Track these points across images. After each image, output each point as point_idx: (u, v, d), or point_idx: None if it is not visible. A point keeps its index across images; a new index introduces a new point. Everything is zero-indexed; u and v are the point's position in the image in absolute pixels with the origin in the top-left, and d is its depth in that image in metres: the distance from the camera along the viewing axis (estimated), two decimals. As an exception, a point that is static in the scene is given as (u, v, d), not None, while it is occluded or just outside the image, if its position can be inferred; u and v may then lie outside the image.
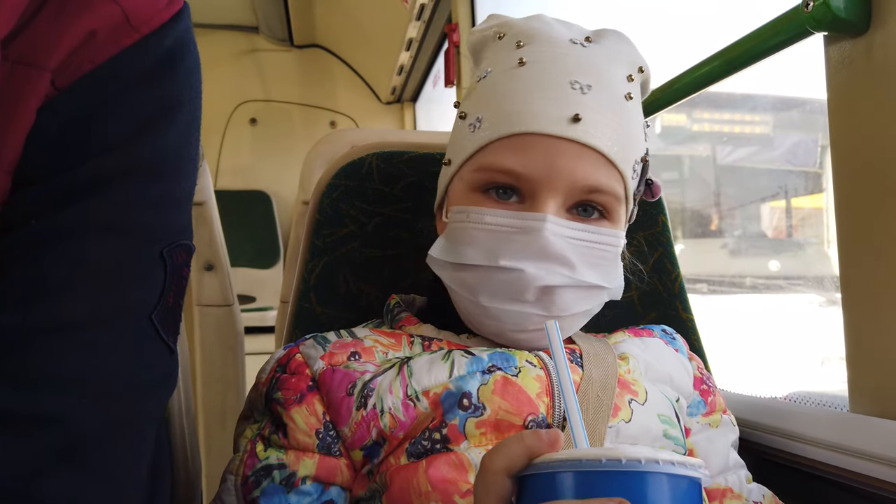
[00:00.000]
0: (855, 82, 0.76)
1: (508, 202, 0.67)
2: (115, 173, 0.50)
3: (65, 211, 0.48)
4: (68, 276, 0.47)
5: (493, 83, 0.70)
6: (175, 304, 0.54)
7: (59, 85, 0.48)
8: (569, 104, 0.65)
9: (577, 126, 0.64)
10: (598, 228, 0.67)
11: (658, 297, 0.96)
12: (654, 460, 0.40)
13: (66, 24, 0.48)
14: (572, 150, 0.65)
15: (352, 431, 0.63)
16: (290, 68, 3.64)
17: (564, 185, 0.65)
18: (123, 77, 0.50)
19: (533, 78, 0.67)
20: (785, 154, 3.78)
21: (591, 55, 0.69)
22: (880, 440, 0.69)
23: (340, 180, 0.90)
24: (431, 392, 0.64)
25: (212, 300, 1.43)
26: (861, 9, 0.73)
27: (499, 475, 0.44)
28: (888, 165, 0.72)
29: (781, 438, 0.81)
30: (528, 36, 0.71)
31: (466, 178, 0.69)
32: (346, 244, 0.89)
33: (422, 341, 0.70)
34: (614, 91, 0.68)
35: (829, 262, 3.66)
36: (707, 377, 0.80)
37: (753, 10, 0.95)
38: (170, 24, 0.53)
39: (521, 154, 0.65)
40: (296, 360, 0.68)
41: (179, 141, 0.54)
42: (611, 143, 0.66)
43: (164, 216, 0.53)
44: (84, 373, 0.47)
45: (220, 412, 1.48)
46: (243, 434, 0.68)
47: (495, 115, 0.67)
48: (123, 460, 0.49)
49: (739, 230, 3.87)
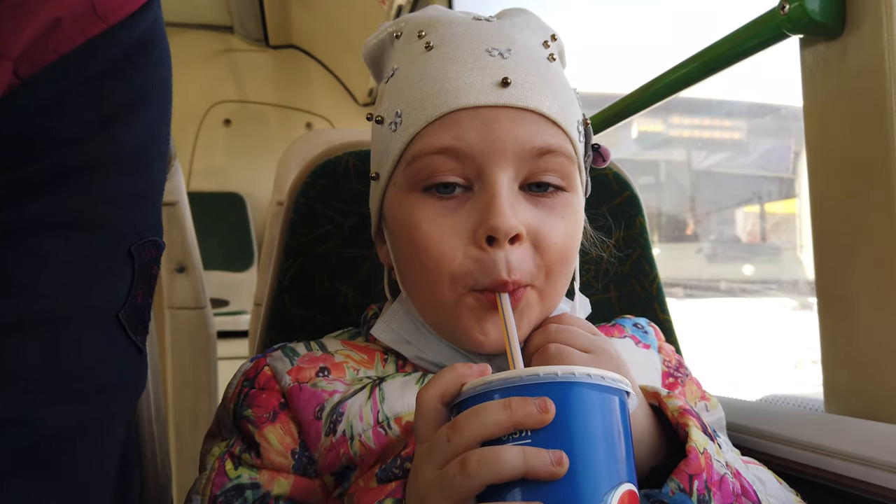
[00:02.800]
0: (830, 85, 0.76)
1: (453, 195, 0.60)
2: (80, 167, 0.48)
3: (27, 205, 0.46)
4: (30, 272, 0.46)
5: (403, 76, 0.63)
6: (144, 302, 0.52)
7: (21, 75, 0.46)
8: (493, 70, 0.59)
9: (509, 90, 0.58)
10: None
11: (636, 298, 0.96)
12: (570, 372, 0.44)
13: (29, 11, 0.47)
14: (510, 116, 0.58)
15: (321, 456, 0.61)
16: (265, 69, 3.61)
17: (512, 153, 0.58)
18: (89, 68, 0.49)
19: (446, 55, 0.61)
20: (759, 159, 3.87)
21: (501, 26, 0.65)
22: (855, 440, 0.69)
23: (316, 179, 0.88)
24: (404, 419, 0.60)
25: (183, 302, 1.41)
26: (836, 12, 0.73)
27: (433, 402, 0.47)
28: (862, 168, 0.73)
29: (758, 440, 0.82)
30: (429, 24, 0.65)
31: (400, 181, 0.62)
32: (322, 244, 0.88)
33: (396, 360, 0.67)
34: (534, 53, 0.63)
35: (803, 267, 3.75)
36: (675, 367, 0.77)
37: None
38: (138, 15, 0.51)
39: (455, 129, 0.58)
40: (264, 373, 0.65)
41: (148, 135, 0.52)
42: (549, 102, 0.60)
43: (132, 212, 0.51)
44: (47, 372, 0.45)
45: (192, 417, 1.46)
46: (210, 452, 0.65)
47: (416, 102, 0.60)
48: (88, 464, 0.47)
49: (715, 235, 3.93)
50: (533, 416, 0.43)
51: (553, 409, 0.43)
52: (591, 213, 0.96)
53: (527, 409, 0.43)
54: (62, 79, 0.48)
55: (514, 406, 0.43)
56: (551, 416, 0.43)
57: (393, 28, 0.70)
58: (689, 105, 3.68)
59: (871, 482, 0.66)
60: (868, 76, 0.71)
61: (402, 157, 0.61)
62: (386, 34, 0.71)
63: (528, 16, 0.70)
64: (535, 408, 0.43)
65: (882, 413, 0.72)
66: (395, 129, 0.62)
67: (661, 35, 1.56)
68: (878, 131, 0.70)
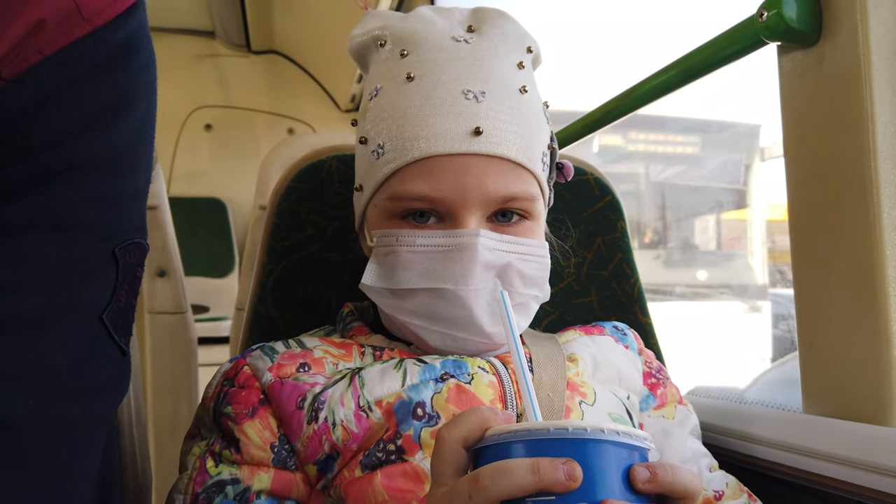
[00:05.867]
0: (807, 91, 0.78)
1: (427, 224, 0.67)
2: (64, 168, 0.48)
3: (11, 206, 0.46)
4: (13, 273, 0.45)
5: (386, 102, 0.69)
6: (127, 304, 0.52)
7: (5, 75, 0.46)
8: (467, 117, 0.65)
9: (480, 139, 0.65)
10: (529, 241, 0.68)
11: (617, 301, 0.97)
12: (599, 429, 0.43)
13: (14, 12, 0.46)
14: (479, 164, 0.65)
15: (304, 446, 0.62)
16: (247, 74, 3.59)
17: (479, 201, 0.65)
18: (74, 69, 0.49)
19: (424, 93, 0.66)
20: (712, 172, 4.05)
21: (477, 52, 0.69)
22: (833, 440, 0.70)
23: (299, 183, 0.88)
24: (384, 402, 0.62)
25: (164, 307, 1.39)
26: (813, 20, 0.75)
27: (455, 445, 0.45)
28: (839, 173, 0.75)
29: (738, 441, 0.83)
30: (411, 42, 0.70)
31: (380, 205, 0.69)
32: (306, 248, 0.88)
33: (373, 351, 0.69)
34: (508, 89, 0.68)
35: (753, 273, 3.90)
36: (657, 370, 0.80)
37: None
38: (123, 17, 0.51)
39: (431, 178, 0.65)
40: (244, 372, 0.66)
41: (132, 137, 0.52)
42: (516, 148, 0.66)
43: (116, 214, 0.51)
44: (29, 373, 0.45)
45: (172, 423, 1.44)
46: (191, 451, 0.66)
47: (397, 141, 0.66)
48: (70, 466, 0.47)
49: (672, 242, 4.09)
50: (561, 482, 0.41)
51: (580, 475, 0.41)
52: (574, 217, 0.97)
53: (555, 476, 0.41)
54: (47, 80, 0.47)
55: (542, 470, 0.41)
56: (578, 484, 0.41)
57: (378, 33, 0.72)
58: (647, 121, 3.85)
59: (850, 482, 0.67)
60: (845, 82, 0.73)
61: (384, 185, 0.68)
62: (370, 37, 0.73)
63: (506, 25, 0.72)
64: (563, 474, 0.41)
65: (860, 413, 0.73)
66: (378, 157, 0.68)
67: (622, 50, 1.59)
68: (854, 137, 0.72)
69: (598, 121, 1.18)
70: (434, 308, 0.66)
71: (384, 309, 0.71)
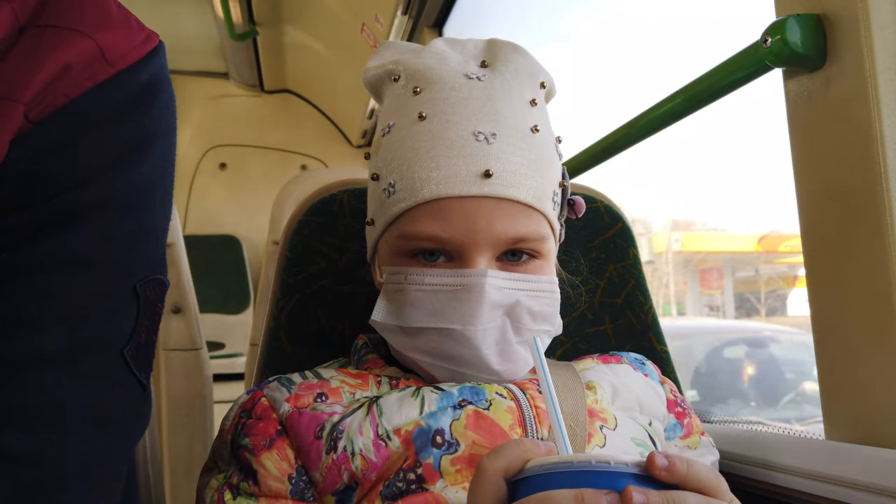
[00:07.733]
0: (814, 115, 0.78)
1: (436, 263, 0.67)
2: (89, 207, 0.49)
3: (37, 244, 0.47)
4: (38, 309, 0.46)
5: (398, 141, 0.69)
6: (148, 339, 0.53)
7: (32, 118, 0.48)
8: (478, 159, 0.65)
9: (490, 181, 0.64)
10: (538, 278, 0.68)
11: (632, 329, 0.96)
12: (641, 464, 0.43)
13: (41, 57, 0.48)
14: (489, 206, 0.65)
15: (322, 476, 0.61)
16: (260, 113, 3.65)
17: (489, 242, 0.65)
18: (98, 111, 0.50)
19: (436, 134, 0.66)
20: None
21: (489, 91, 0.68)
22: (856, 466, 0.69)
23: (311, 217, 0.89)
24: (403, 430, 0.62)
25: (179, 344, 1.40)
26: (817, 44, 0.75)
27: (496, 475, 0.45)
28: (850, 195, 0.74)
29: (759, 469, 0.81)
30: (424, 79, 0.70)
31: (391, 243, 0.69)
32: (318, 281, 0.88)
33: (389, 381, 0.69)
34: (519, 129, 0.67)
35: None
36: (682, 400, 0.79)
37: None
38: (146, 61, 0.53)
39: (441, 220, 0.65)
40: (261, 404, 0.66)
41: (154, 175, 0.53)
42: (526, 190, 0.66)
43: (138, 250, 0.52)
44: (53, 409, 0.45)
45: (187, 461, 1.44)
46: (208, 485, 0.65)
47: (408, 181, 0.66)
48: (91, 500, 0.47)
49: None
50: None
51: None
52: (585, 245, 0.97)
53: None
54: (72, 122, 0.49)
55: (587, 501, 0.41)
56: None
57: (392, 67, 0.73)
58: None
59: (874, 509, 0.65)
60: (852, 105, 0.73)
61: (394, 224, 0.68)
62: (384, 71, 0.74)
63: (520, 59, 0.72)
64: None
65: (883, 439, 0.71)
66: (388, 196, 0.68)
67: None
68: (865, 159, 0.72)
69: (607, 150, 1.19)
70: (442, 347, 0.66)
71: (393, 345, 0.71)
